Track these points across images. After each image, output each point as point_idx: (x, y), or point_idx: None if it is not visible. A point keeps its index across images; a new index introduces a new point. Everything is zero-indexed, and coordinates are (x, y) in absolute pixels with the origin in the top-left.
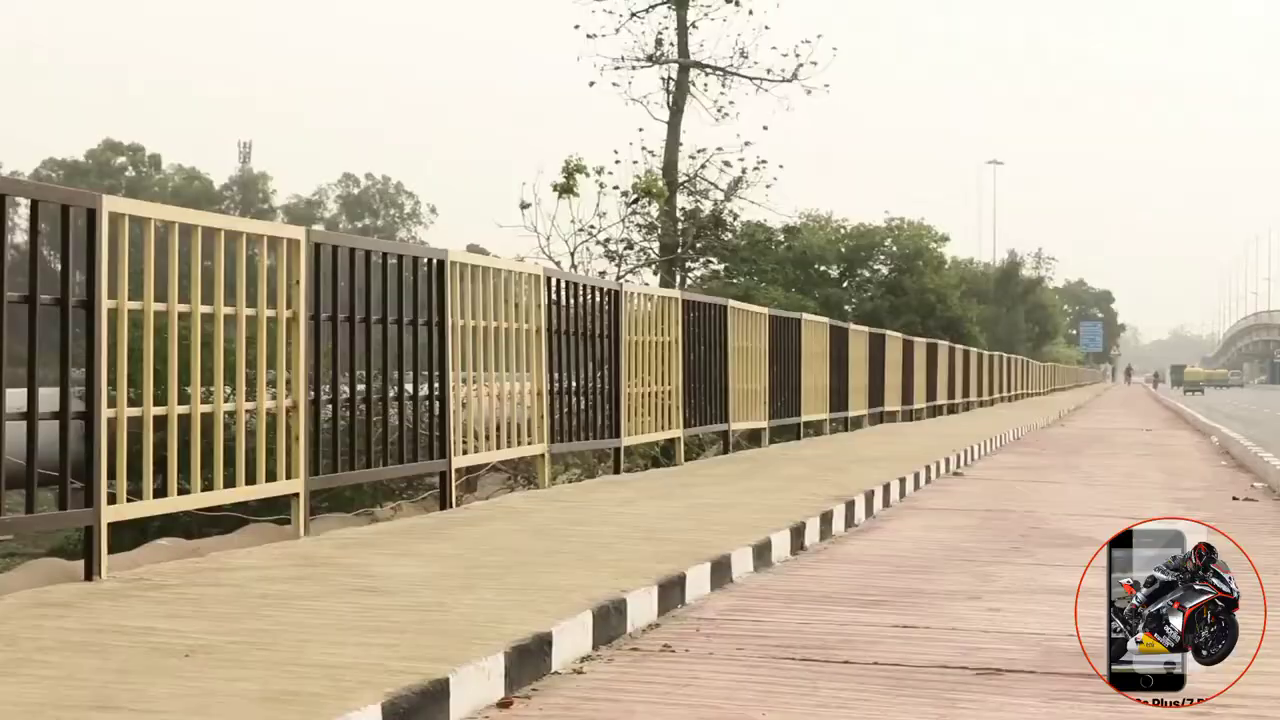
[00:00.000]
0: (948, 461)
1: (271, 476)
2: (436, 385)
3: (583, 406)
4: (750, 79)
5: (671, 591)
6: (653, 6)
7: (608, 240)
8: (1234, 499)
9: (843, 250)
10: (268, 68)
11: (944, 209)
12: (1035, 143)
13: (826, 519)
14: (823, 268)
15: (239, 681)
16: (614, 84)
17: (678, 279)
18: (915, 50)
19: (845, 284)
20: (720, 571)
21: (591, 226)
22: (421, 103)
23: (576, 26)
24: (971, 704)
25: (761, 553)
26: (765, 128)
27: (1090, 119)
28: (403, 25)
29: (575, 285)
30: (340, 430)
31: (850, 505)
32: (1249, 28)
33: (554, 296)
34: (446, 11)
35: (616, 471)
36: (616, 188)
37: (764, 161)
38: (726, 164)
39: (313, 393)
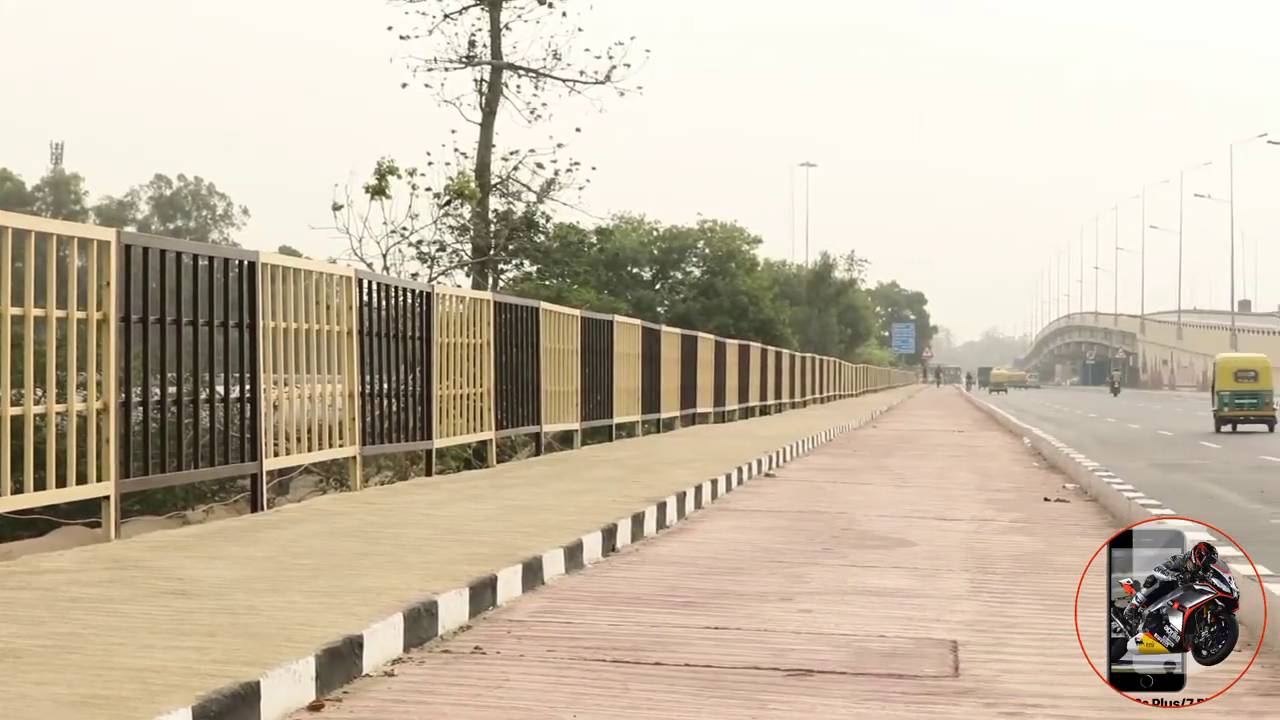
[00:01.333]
0: (760, 463)
1: (82, 479)
2: (248, 387)
3: (394, 408)
4: (563, 81)
5: (483, 593)
6: (466, 8)
7: (420, 242)
8: (1046, 500)
9: (655, 252)
10: (80, 67)
11: (757, 211)
12: (849, 146)
13: (638, 520)
14: (635, 269)
15: (48, 686)
16: (427, 86)
17: (490, 281)
18: (729, 52)
19: (658, 286)
20: (531, 573)
21: (404, 228)
22: (235, 103)
23: (390, 28)
24: (782, 705)
25: (573, 554)
26: (578, 129)
27: (904, 124)
28: (217, 24)
29: (387, 287)
30: (151, 432)
31: (662, 507)
32: (1066, 37)
33: (365, 298)
34: (264, 11)
35: (428, 473)
36: (429, 189)
37: (576, 163)
38: (539, 166)
39: (124, 395)
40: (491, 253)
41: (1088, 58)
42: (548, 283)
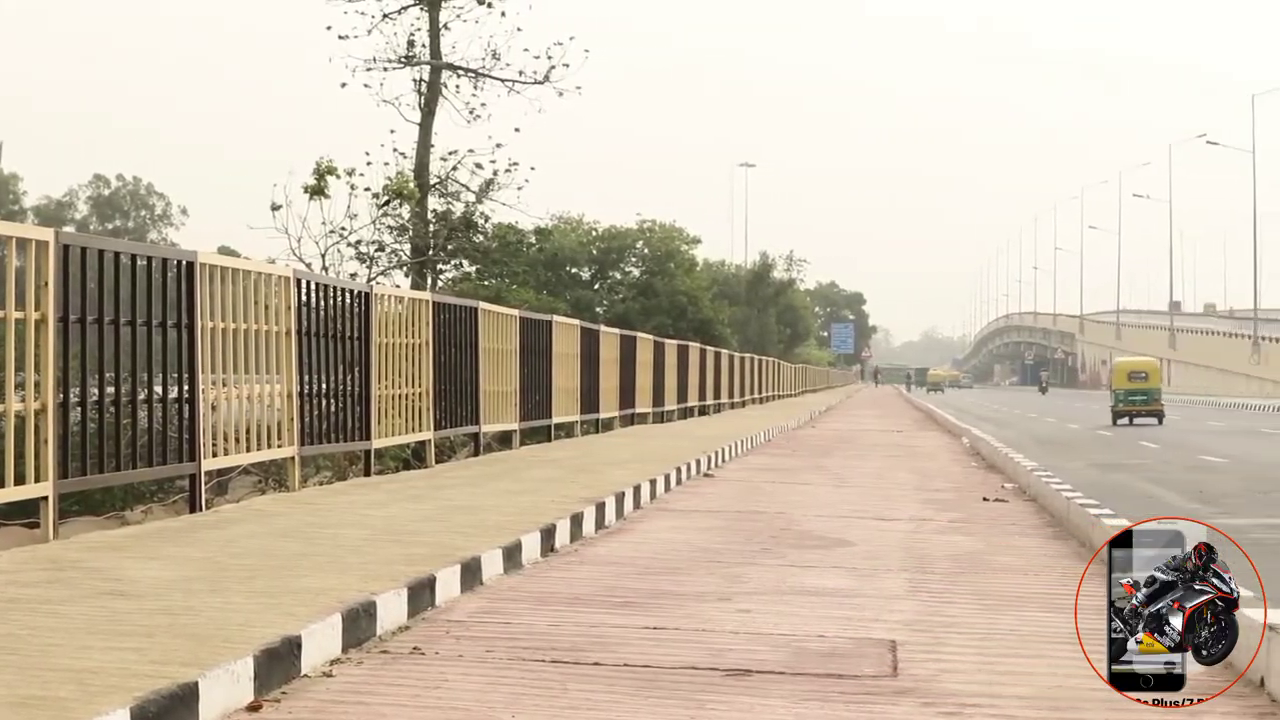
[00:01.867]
0: (699, 463)
1: (20, 479)
2: (186, 388)
3: (333, 409)
4: (502, 81)
5: (421, 594)
6: (405, 8)
7: (359, 242)
8: (984, 500)
9: (594, 252)
10: (19, 66)
11: (696, 211)
12: (788, 146)
13: (577, 521)
14: (574, 269)
15: None
16: (366, 86)
17: (429, 281)
18: (669, 52)
19: (597, 286)
20: (470, 574)
21: (343, 228)
22: (174, 103)
23: (329, 28)
24: (720, 705)
25: (511, 554)
26: (517, 130)
27: (845, 124)
28: (158, 23)
29: (325, 287)
30: (90, 433)
31: (601, 507)
32: (1007, 43)
33: (304, 298)
34: (203, 10)
35: (367, 474)
36: (368, 189)
37: (515, 163)
38: (478, 166)
39: (62, 395)
40: (430, 253)
41: (1029, 60)
42: (486, 283)
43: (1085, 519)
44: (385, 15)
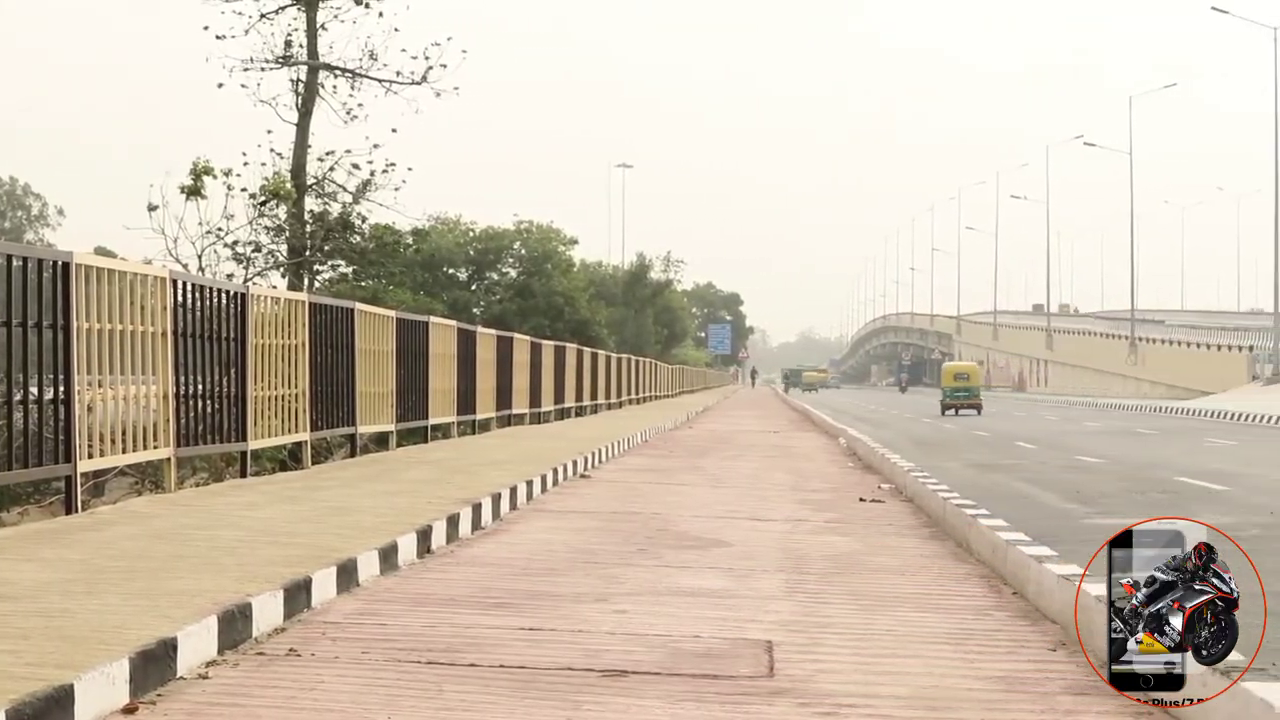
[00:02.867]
0: (575, 464)
1: None
2: (61, 389)
3: (210, 410)
4: (380, 81)
5: (297, 595)
6: (282, 8)
7: (236, 243)
8: (861, 500)
9: (471, 253)
10: None
11: (574, 212)
12: (667, 147)
13: (453, 522)
14: (451, 270)
15: None
16: (243, 86)
17: (306, 282)
18: (546, 53)
19: (474, 287)
20: (346, 575)
21: (219, 229)
22: (51, 103)
23: (206, 28)
24: (596, 706)
25: (388, 556)
26: (394, 130)
27: (721, 126)
28: (34, 21)
29: (202, 288)
30: None
31: (477, 508)
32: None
33: (181, 299)
34: (82, 9)
35: (244, 475)
36: (245, 190)
37: (392, 164)
38: (355, 167)
39: None
40: (307, 254)
41: (907, 66)
42: (363, 284)
43: (962, 519)
44: (263, 15)
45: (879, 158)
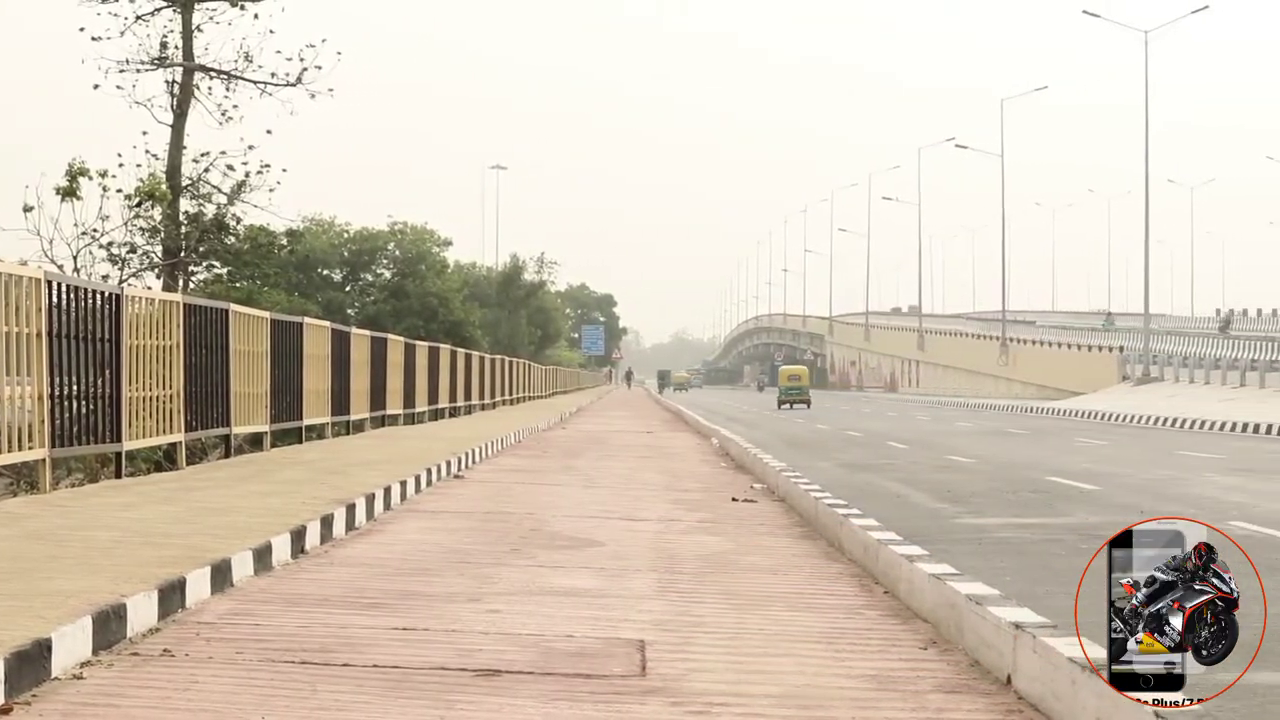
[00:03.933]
0: (449, 465)
1: None
2: None
3: (84, 410)
4: (254, 83)
5: (172, 596)
6: (158, 10)
7: (111, 244)
8: (734, 500)
9: (346, 254)
10: None
11: (448, 214)
12: (540, 150)
13: (327, 522)
14: (326, 271)
15: None
16: (119, 87)
17: (181, 283)
18: (421, 55)
19: (348, 288)
20: (220, 575)
21: (95, 230)
22: None
23: (82, 29)
24: (469, 705)
25: (262, 556)
26: (269, 132)
27: (595, 129)
28: None
29: (77, 289)
30: None
31: (351, 508)
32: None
33: (55, 300)
34: None
35: (119, 476)
36: (120, 191)
37: (267, 165)
38: (230, 168)
39: None
40: (182, 255)
41: (779, 70)
42: (238, 285)
43: (833, 519)
44: (139, 17)
45: (753, 161)
